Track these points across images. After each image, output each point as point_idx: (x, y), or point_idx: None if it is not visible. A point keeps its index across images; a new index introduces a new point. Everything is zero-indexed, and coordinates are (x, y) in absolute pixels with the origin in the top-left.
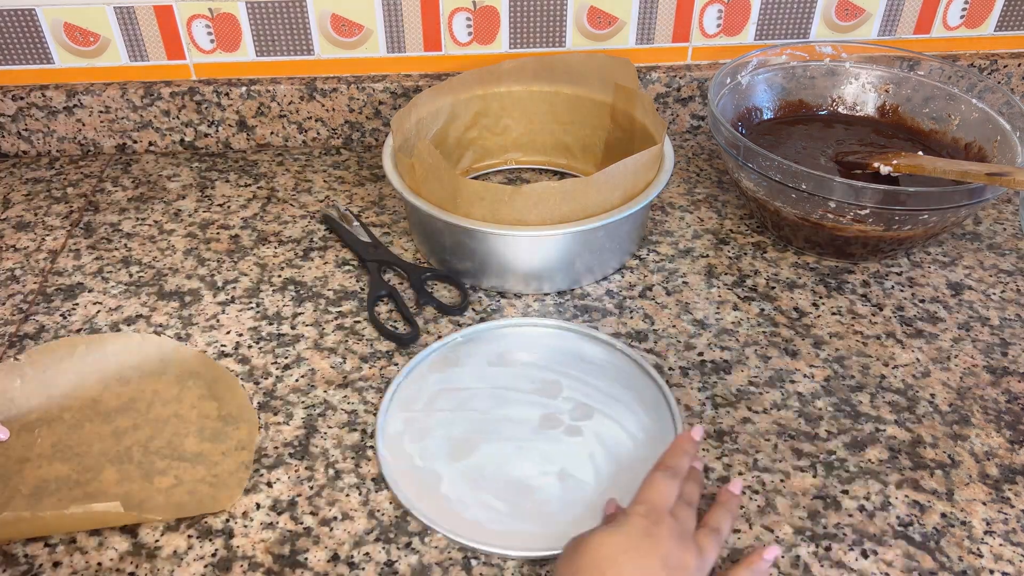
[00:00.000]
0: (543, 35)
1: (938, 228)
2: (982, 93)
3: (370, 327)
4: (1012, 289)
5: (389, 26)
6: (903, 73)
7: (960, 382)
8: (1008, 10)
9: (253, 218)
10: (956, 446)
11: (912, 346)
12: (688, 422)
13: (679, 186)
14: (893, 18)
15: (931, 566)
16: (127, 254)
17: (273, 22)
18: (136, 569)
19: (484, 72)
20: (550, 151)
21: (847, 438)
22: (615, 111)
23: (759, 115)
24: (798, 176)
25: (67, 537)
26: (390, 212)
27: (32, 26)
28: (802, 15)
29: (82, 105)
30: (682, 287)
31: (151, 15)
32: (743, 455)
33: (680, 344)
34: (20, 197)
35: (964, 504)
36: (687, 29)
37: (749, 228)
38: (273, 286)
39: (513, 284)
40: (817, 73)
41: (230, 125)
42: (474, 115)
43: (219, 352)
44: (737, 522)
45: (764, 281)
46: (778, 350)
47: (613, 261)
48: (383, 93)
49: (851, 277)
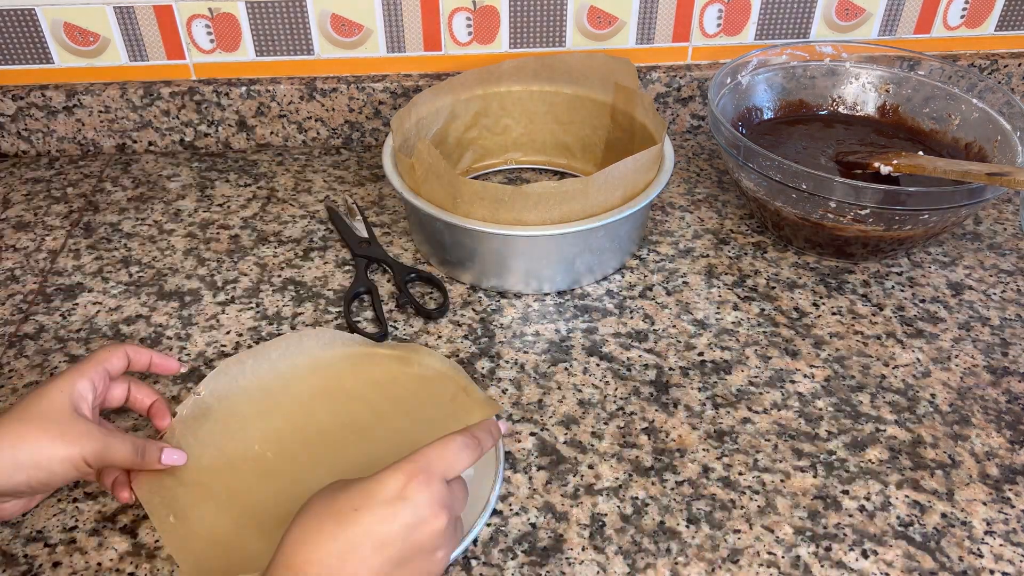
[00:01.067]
0: (543, 35)
1: (938, 228)
2: (982, 93)
3: (370, 327)
4: (1012, 289)
5: (389, 26)
6: (903, 73)
7: (960, 382)
8: (1008, 10)
9: (253, 218)
10: (956, 446)
11: (912, 346)
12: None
13: (679, 186)
14: (893, 18)
15: (931, 566)
16: (127, 254)
17: (273, 22)
18: (136, 569)
19: (484, 72)
20: (550, 151)
21: (847, 438)
22: (615, 111)
23: (759, 115)
24: (798, 176)
25: (67, 537)
26: (390, 212)
27: (32, 26)
28: (802, 15)
29: (82, 105)
30: (682, 287)
31: (151, 15)
32: (743, 455)
33: (680, 344)
34: (20, 197)
35: (964, 504)
36: (687, 29)
37: (749, 228)
38: (273, 286)
39: (513, 284)
40: (817, 73)
41: (230, 125)
42: (474, 115)
43: (219, 352)
44: (737, 522)
45: (764, 281)
46: (778, 350)
47: (613, 261)
48: (383, 93)
49: (851, 277)
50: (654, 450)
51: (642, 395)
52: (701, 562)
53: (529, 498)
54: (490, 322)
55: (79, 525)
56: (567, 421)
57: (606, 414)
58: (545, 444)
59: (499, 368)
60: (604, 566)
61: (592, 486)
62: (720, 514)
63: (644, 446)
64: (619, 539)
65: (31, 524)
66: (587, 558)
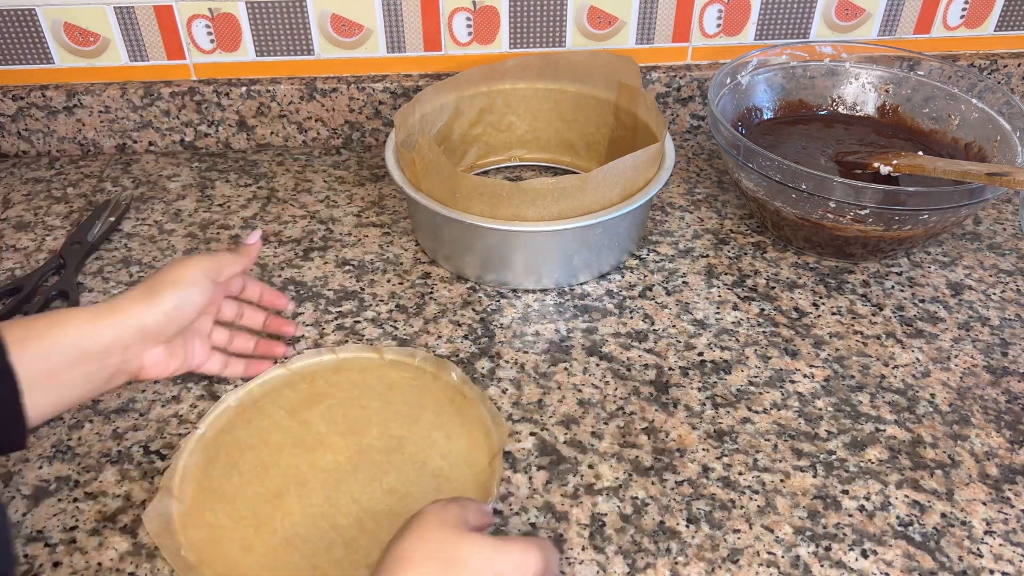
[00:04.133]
0: (543, 35)
1: (938, 228)
2: (982, 93)
3: (370, 327)
4: (1012, 289)
5: (389, 26)
6: (903, 73)
7: (960, 382)
8: (1008, 10)
9: (253, 218)
10: (956, 446)
11: (912, 346)
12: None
13: (679, 186)
14: (893, 18)
15: (931, 566)
16: (127, 254)
17: (273, 22)
18: (136, 569)
19: (488, 69)
20: (554, 148)
21: (847, 438)
22: (618, 109)
23: (759, 115)
24: (798, 176)
25: (67, 537)
26: (390, 212)
27: (32, 26)
28: (802, 15)
29: (82, 105)
30: (682, 287)
31: (151, 15)
32: (743, 455)
33: (680, 344)
34: (20, 197)
35: (964, 504)
36: (687, 29)
37: (749, 228)
38: (273, 286)
39: (512, 279)
40: (817, 73)
41: (230, 125)
42: (478, 112)
43: None
44: (737, 522)
45: (764, 281)
46: (778, 350)
47: (612, 259)
48: (383, 93)
49: (851, 277)
50: (654, 450)
51: (642, 395)
52: (701, 562)
53: (529, 498)
54: (490, 322)
55: (79, 525)
56: (567, 421)
57: (606, 414)
58: (545, 444)
59: (499, 368)
60: (604, 566)
61: (592, 486)
62: (720, 514)
63: (644, 446)
64: (619, 539)
65: (31, 524)
66: (587, 558)
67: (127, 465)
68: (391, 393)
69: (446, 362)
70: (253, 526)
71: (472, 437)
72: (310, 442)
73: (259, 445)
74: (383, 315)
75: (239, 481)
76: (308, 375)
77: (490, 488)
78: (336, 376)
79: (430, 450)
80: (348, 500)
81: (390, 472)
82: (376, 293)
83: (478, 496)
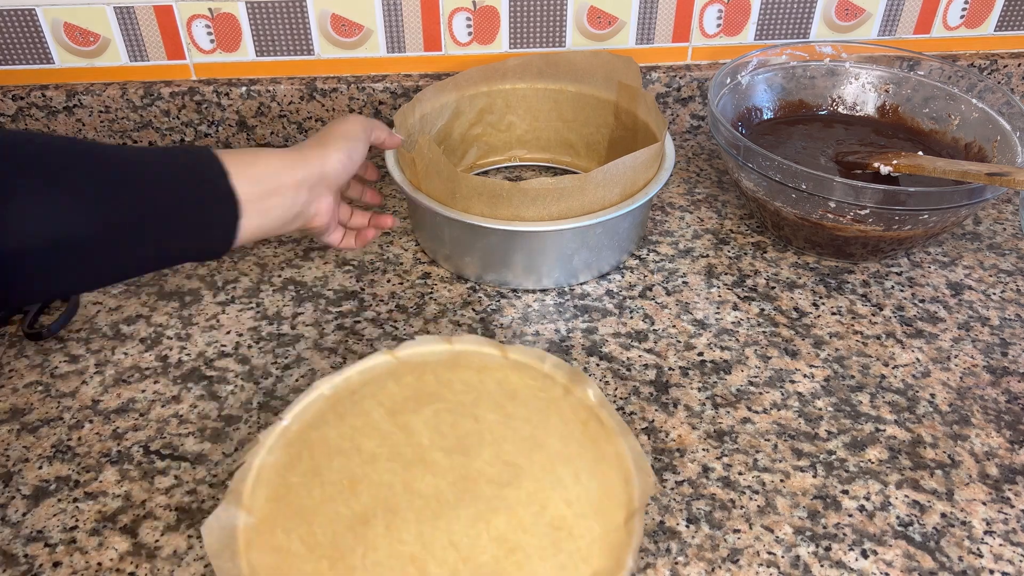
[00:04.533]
0: (543, 35)
1: (938, 228)
2: (982, 93)
3: (370, 327)
4: (1012, 289)
5: (389, 26)
6: (903, 73)
7: (960, 382)
8: (1008, 10)
9: None
10: (956, 446)
11: (912, 346)
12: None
13: (679, 186)
14: (893, 18)
15: (931, 566)
16: None
17: (273, 22)
18: (136, 569)
19: (489, 69)
20: (554, 148)
21: (847, 438)
22: (619, 109)
23: (759, 115)
24: (798, 176)
25: (67, 537)
26: (390, 212)
27: (32, 26)
28: (802, 15)
29: (82, 105)
30: (682, 287)
31: (151, 15)
32: (743, 455)
33: (680, 344)
34: None
35: (964, 504)
36: (687, 29)
37: (749, 228)
38: (273, 286)
39: (512, 279)
40: (817, 73)
41: (230, 125)
42: (478, 112)
43: (219, 352)
44: (737, 522)
45: (764, 281)
46: (778, 350)
47: (612, 259)
48: (383, 93)
49: (851, 277)
50: (654, 450)
51: (642, 395)
52: (701, 562)
53: None
54: (490, 322)
55: (79, 525)
56: None
57: None
58: None
59: None
60: None
61: None
62: (720, 514)
63: (644, 446)
64: None
65: (31, 524)
66: None
67: (127, 465)
68: (511, 404)
69: (582, 375)
70: (329, 558)
71: (607, 482)
72: (409, 455)
73: (350, 450)
74: (383, 315)
75: (320, 495)
76: (416, 366)
77: (622, 558)
78: (449, 373)
79: (552, 491)
80: (445, 542)
81: (500, 512)
82: (376, 293)
83: (606, 566)
